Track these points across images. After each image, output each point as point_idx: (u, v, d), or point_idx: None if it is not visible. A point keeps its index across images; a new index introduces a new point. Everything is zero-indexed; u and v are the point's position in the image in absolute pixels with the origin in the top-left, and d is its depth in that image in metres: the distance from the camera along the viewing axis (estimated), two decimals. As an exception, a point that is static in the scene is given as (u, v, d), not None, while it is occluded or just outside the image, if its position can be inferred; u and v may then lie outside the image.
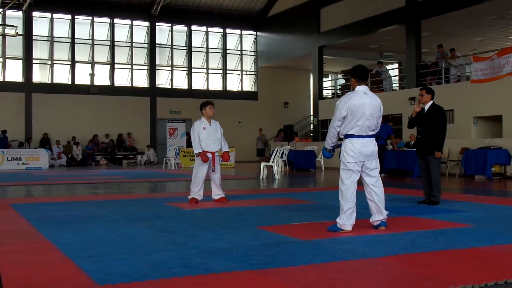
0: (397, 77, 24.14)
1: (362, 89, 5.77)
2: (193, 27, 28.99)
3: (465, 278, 3.71)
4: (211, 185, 8.76)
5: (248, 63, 30.66)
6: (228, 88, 29.79)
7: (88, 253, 4.63)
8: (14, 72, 25.42)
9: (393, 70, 25.21)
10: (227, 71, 29.92)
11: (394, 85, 23.43)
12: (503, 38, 23.09)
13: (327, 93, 27.27)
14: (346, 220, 5.60)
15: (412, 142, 16.20)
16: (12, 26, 23.53)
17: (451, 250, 4.72)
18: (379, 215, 5.76)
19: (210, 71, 29.51)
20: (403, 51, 21.61)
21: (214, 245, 4.92)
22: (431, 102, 8.08)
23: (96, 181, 14.10)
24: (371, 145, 5.73)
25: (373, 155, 5.73)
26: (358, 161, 5.65)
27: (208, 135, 8.55)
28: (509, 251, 4.71)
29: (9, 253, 4.60)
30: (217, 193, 8.72)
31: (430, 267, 4.08)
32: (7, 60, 25.40)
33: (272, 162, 15.23)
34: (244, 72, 30.51)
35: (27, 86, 25.24)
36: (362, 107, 5.63)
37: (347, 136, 5.70)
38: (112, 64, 27.13)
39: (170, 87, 28.41)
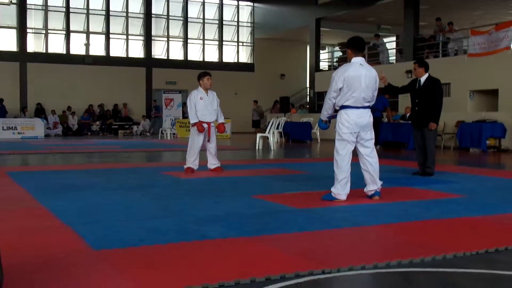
0: (394, 50, 24.03)
1: (358, 61, 5.76)
2: (189, -3, 28.72)
3: (456, 245, 3.76)
4: (206, 155, 8.79)
5: (245, 35, 30.45)
6: (225, 60, 29.64)
7: (84, 219, 4.66)
8: (8, 41, 25.18)
9: (390, 43, 25.08)
10: (224, 43, 29.72)
11: (391, 58, 23.33)
12: (502, 12, 22.95)
13: (323, 65, 27.17)
14: (341, 189, 5.65)
15: (408, 115, 16.20)
16: (6, -6, 23.27)
17: (444, 219, 4.77)
18: (373, 185, 5.81)
19: (206, 42, 29.31)
20: (401, 24, 21.48)
21: (209, 213, 4.96)
22: (426, 75, 8.06)
23: (92, 151, 14.11)
24: (366, 116, 5.74)
25: (368, 126, 5.75)
26: (353, 132, 5.67)
27: (204, 105, 8.55)
28: (501, 220, 4.77)
29: (6, 220, 4.63)
30: (212, 162, 8.75)
31: (422, 235, 4.14)
32: (1, 29, 25.15)
33: (268, 133, 15.25)
34: (240, 44, 30.32)
35: (22, 56, 25.05)
36: (358, 78, 5.63)
37: (343, 107, 5.71)
38: (107, 34, 26.90)
39: (166, 57, 28.24)
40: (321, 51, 26.90)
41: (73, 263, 3.29)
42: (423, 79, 8.06)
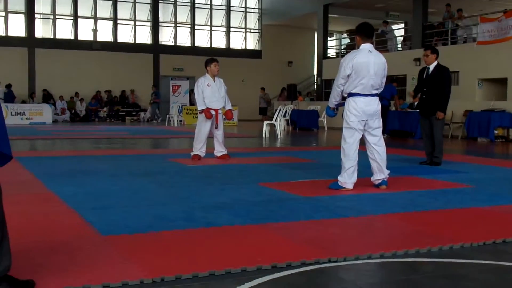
0: (402, 37, 23.87)
1: (367, 47, 5.73)
2: (197, -17, 28.57)
3: (464, 236, 3.76)
4: (214, 142, 8.79)
5: (252, 21, 30.31)
6: (232, 46, 29.54)
7: (92, 205, 4.69)
8: (16, 27, 25.18)
9: (398, 30, 24.92)
10: (231, 29, 29.61)
11: (399, 46, 23.19)
12: (511, -1, 22.70)
13: (331, 52, 27.04)
14: (348, 178, 5.64)
15: (416, 103, 16.11)
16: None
17: (451, 209, 4.76)
18: (380, 174, 5.80)
19: (213, 28, 29.20)
20: (409, 10, 21.32)
21: (216, 200, 4.98)
22: (436, 62, 7.98)
23: (100, 137, 14.16)
24: (374, 104, 5.71)
25: (376, 114, 5.72)
26: (361, 120, 5.64)
27: (212, 92, 8.53)
28: (509, 211, 4.75)
29: (15, 204, 4.64)
30: (219, 150, 8.76)
31: (429, 225, 4.13)
32: (9, 14, 25.14)
33: (275, 121, 15.23)
34: (248, 30, 30.19)
35: (30, 41, 25.05)
36: (367, 65, 5.59)
37: (351, 94, 5.68)
38: (115, 19, 26.85)
39: (173, 44, 28.18)
40: (329, 38, 26.77)
41: (80, 248, 3.31)
42: (432, 66, 7.97)
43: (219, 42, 29.34)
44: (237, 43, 29.86)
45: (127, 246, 3.38)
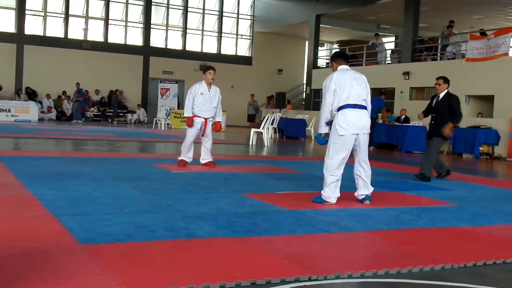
0: (391, 51, 24.01)
1: (344, 68, 5.85)
2: (190, -13, 28.55)
3: (445, 257, 3.75)
4: (201, 149, 8.73)
5: (244, 27, 30.33)
6: (223, 52, 29.53)
7: (72, 211, 4.62)
8: (6, 22, 24.98)
9: (389, 43, 25.06)
10: (223, 34, 29.60)
11: (388, 59, 23.31)
12: (501, 18, 22.95)
13: (321, 62, 27.13)
14: (330, 193, 5.61)
15: (403, 117, 16.31)
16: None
17: (434, 228, 4.76)
18: (365, 189, 5.79)
19: (205, 33, 29.18)
20: (400, 24, 21.44)
21: (199, 210, 4.94)
22: (446, 90, 8.31)
23: (85, 138, 14.03)
24: (364, 117, 5.69)
25: (365, 128, 5.68)
26: (352, 133, 5.57)
27: (204, 101, 8.45)
28: (490, 232, 4.76)
29: (-6, 207, 4.59)
30: (205, 157, 8.69)
31: (412, 244, 4.12)
32: (-1, 10, 24.97)
33: (262, 128, 15.21)
34: (239, 36, 30.21)
35: (19, 37, 24.86)
36: (349, 78, 5.71)
37: (340, 108, 5.65)
38: (106, 19, 26.73)
39: (164, 47, 28.10)
40: (319, 48, 26.87)
41: (58, 257, 3.25)
42: (442, 94, 8.35)
43: (210, 47, 29.31)
44: (228, 48, 29.86)
45: (106, 257, 3.32)
